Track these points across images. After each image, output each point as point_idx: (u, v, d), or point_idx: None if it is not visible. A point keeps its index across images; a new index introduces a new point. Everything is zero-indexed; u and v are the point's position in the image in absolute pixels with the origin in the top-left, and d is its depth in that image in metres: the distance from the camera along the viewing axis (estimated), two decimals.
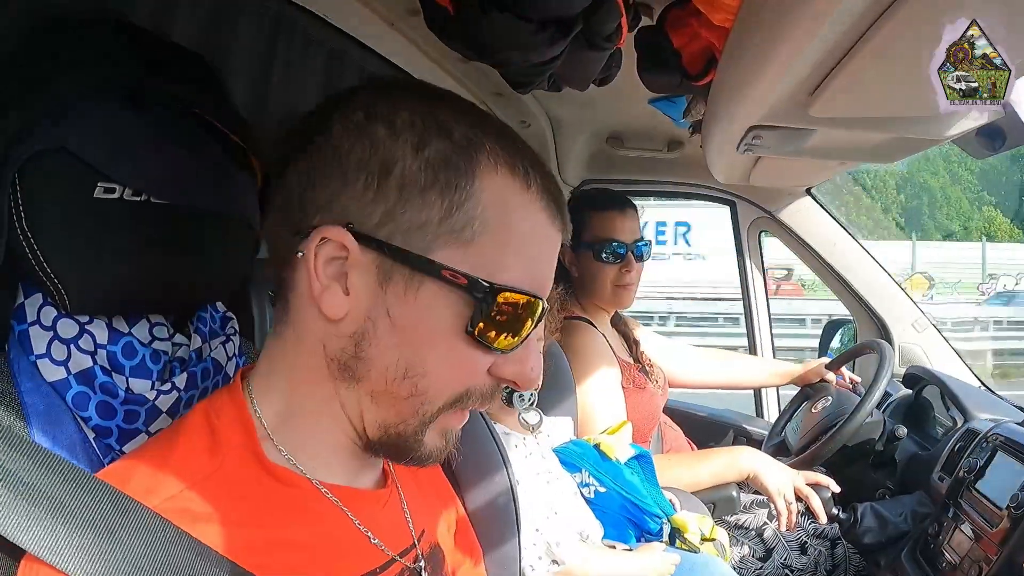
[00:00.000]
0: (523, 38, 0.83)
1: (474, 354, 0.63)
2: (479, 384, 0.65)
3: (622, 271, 1.87)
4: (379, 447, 0.66)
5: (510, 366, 0.65)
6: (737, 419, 2.55)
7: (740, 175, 1.93)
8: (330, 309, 0.61)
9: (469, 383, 0.64)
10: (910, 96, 0.99)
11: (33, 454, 0.52)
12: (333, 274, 0.61)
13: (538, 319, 0.65)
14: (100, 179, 0.65)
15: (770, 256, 2.72)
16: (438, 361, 0.63)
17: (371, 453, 0.67)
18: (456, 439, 0.69)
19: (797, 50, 0.86)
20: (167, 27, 0.90)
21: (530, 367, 0.66)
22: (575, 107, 2.14)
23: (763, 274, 2.68)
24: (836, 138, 1.31)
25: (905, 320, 2.34)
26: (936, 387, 1.97)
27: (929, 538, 1.54)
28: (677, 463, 1.76)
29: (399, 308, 0.61)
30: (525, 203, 0.63)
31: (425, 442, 0.65)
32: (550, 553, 1.17)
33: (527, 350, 0.66)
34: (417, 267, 0.60)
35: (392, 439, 0.65)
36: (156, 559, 0.54)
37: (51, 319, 0.66)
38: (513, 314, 0.62)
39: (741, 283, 2.70)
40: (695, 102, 1.51)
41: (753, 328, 2.67)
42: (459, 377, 0.64)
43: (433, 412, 0.64)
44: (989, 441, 1.54)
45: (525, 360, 0.65)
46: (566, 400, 1.62)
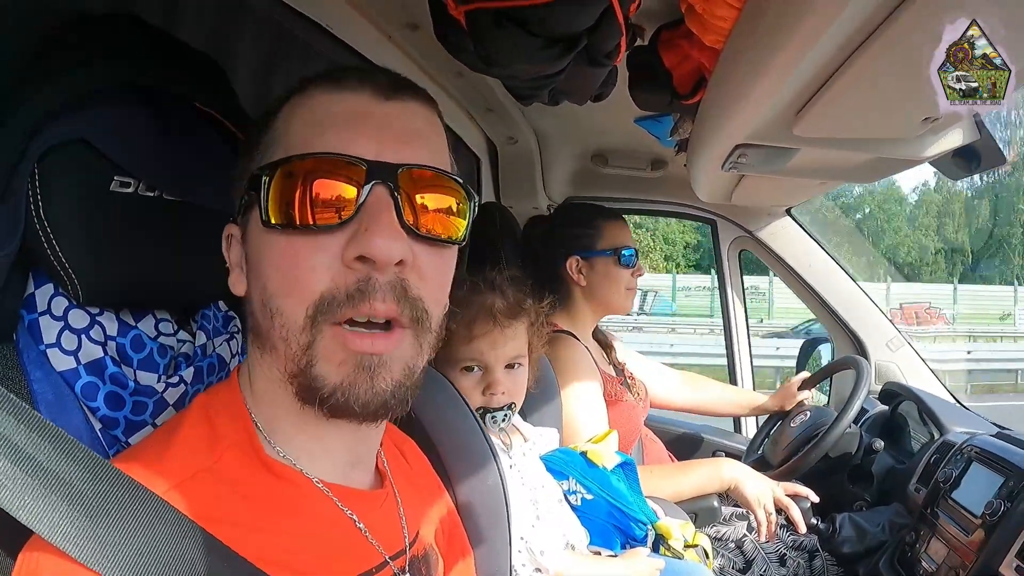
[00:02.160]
0: (532, 53, 0.87)
1: (293, 244, 0.61)
2: (330, 279, 0.60)
3: (633, 275, 1.95)
4: (307, 400, 0.62)
5: (354, 244, 0.60)
6: (716, 435, 2.58)
7: (723, 194, 1.98)
8: (235, 288, 0.67)
9: (314, 282, 0.60)
10: (890, 117, 1.04)
11: (53, 438, 0.52)
12: (235, 259, 0.68)
13: (365, 186, 0.60)
14: (117, 173, 0.66)
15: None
16: (271, 272, 0.62)
17: (326, 414, 0.63)
18: (374, 367, 0.61)
19: (785, 71, 0.90)
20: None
21: (370, 239, 0.59)
22: (562, 125, 2.19)
23: (743, 296, 2.72)
24: (818, 158, 1.35)
25: (881, 338, 2.40)
26: (912, 402, 2.02)
27: (906, 547, 1.57)
28: (659, 474, 1.78)
29: (247, 249, 0.66)
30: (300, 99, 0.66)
31: (322, 374, 0.61)
32: (534, 561, 1.17)
33: (369, 220, 0.60)
34: (244, 200, 0.65)
35: (301, 387, 0.62)
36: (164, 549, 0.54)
37: (62, 309, 0.67)
38: (305, 183, 0.60)
39: (721, 305, 2.73)
40: (683, 121, 1.55)
41: (733, 357, 2.70)
42: (296, 276, 0.60)
43: (298, 332, 0.60)
44: (964, 452, 1.59)
45: (367, 232, 0.59)
46: (551, 410, 1.64)
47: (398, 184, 0.61)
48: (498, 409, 1.22)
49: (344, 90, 0.64)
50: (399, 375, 0.63)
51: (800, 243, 2.48)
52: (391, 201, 0.61)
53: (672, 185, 2.49)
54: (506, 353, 1.24)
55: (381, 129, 0.63)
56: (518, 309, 1.25)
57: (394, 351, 0.63)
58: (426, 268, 0.64)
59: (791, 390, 2.20)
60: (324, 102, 0.64)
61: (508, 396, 1.24)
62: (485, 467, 1.01)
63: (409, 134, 0.64)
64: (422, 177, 0.64)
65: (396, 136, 0.63)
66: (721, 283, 2.69)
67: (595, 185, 2.57)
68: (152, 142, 0.69)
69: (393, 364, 0.63)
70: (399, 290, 0.61)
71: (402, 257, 0.61)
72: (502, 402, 1.23)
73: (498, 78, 1.12)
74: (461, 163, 2.14)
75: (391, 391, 0.62)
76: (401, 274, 0.62)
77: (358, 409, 0.61)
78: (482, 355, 1.22)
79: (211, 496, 0.59)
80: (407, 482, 0.80)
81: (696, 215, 2.69)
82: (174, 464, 0.60)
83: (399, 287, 0.61)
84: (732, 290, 2.68)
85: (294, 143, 0.63)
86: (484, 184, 2.31)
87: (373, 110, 0.64)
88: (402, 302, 0.62)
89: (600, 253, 1.92)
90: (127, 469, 0.57)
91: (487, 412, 1.22)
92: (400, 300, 0.62)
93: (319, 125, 0.63)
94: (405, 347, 0.64)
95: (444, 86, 1.74)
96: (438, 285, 0.67)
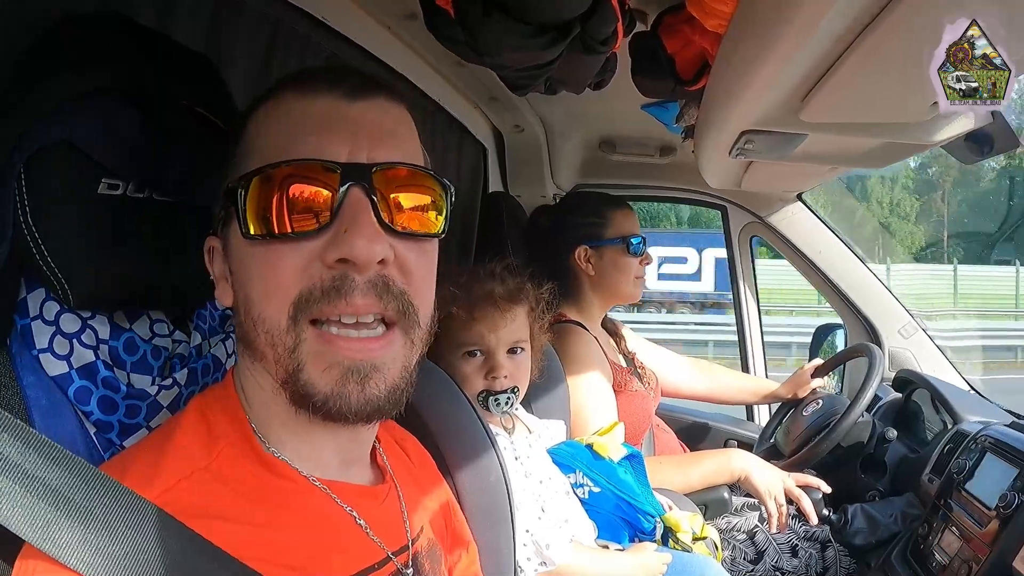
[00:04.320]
0: (523, 41, 0.85)
1: (273, 252, 0.61)
2: (307, 279, 0.60)
3: (642, 263, 1.94)
4: (301, 406, 0.62)
5: (333, 247, 0.60)
6: (728, 423, 2.57)
7: (732, 180, 1.95)
8: (221, 301, 0.68)
9: (292, 285, 0.60)
10: (899, 101, 1.01)
11: (39, 446, 0.52)
12: (219, 272, 0.68)
13: (341, 189, 0.60)
14: (104, 175, 0.66)
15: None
16: (253, 282, 0.63)
17: (323, 419, 0.63)
18: (364, 373, 0.61)
19: (789, 55, 0.87)
20: (168, 29, 0.91)
21: (350, 241, 0.59)
22: (568, 113, 2.17)
23: (755, 282, 2.69)
24: (826, 143, 1.33)
25: (895, 325, 2.36)
26: (925, 390, 1.99)
27: (919, 539, 1.55)
28: (669, 465, 1.78)
29: (229, 261, 0.66)
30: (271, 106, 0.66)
31: (311, 381, 0.61)
32: (540, 554, 1.17)
33: (347, 222, 0.60)
34: (222, 218, 0.66)
35: (294, 394, 0.62)
36: (155, 552, 0.54)
37: (53, 314, 0.66)
38: (281, 191, 0.60)
39: (732, 292, 2.70)
40: (688, 107, 1.52)
41: (745, 341, 2.67)
42: (276, 282, 0.61)
43: (282, 334, 0.61)
44: (978, 443, 1.56)
45: (345, 235, 0.60)
46: (559, 402, 1.63)
47: (373, 184, 0.61)
48: (501, 392, 1.23)
49: (314, 94, 0.64)
50: (394, 378, 0.63)
51: (812, 228, 2.44)
52: (367, 202, 0.61)
53: (682, 171, 2.46)
54: (506, 337, 1.25)
55: (352, 130, 0.63)
56: (517, 293, 1.27)
57: (387, 354, 0.63)
58: (408, 263, 0.64)
59: (804, 377, 2.17)
60: (294, 108, 0.64)
61: (511, 380, 1.25)
62: (486, 460, 1.01)
63: (380, 133, 0.64)
64: (396, 175, 0.64)
65: (368, 136, 0.63)
66: (732, 269, 2.67)
67: (604, 172, 2.55)
68: (140, 143, 0.68)
69: (387, 368, 0.63)
70: (380, 286, 0.61)
71: (383, 256, 0.61)
72: (505, 386, 1.24)
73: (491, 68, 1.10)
74: (467, 153, 2.12)
75: (385, 396, 0.63)
76: (382, 271, 0.62)
77: (351, 416, 0.62)
78: (483, 339, 1.23)
79: (209, 495, 0.59)
80: (409, 477, 0.80)
81: (706, 201, 2.67)
82: (172, 465, 0.60)
83: (380, 283, 0.61)
84: (743, 276, 2.65)
85: (267, 152, 0.62)
86: (491, 174, 2.29)
87: (343, 112, 0.63)
88: (385, 297, 0.62)
89: (609, 242, 1.90)
90: (124, 472, 0.58)
91: (490, 395, 1.22)
92: (383, 295, 0.62)
93: (290, 132, 0.62)
94: (397, 348, 0.64)
95: (447, 76, 1.72)
96: (421, 278, 0.66)
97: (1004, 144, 1.08)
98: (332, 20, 1.22)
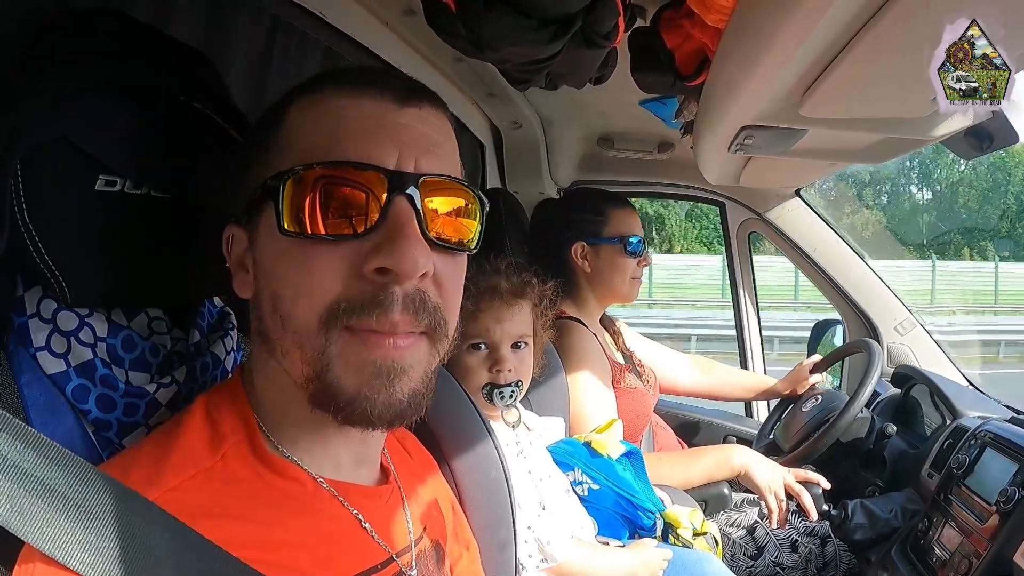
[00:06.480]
0: (525, 35, 0.84)
1: (309, 251, 0.60)
2: (344, 287, 0.59)
3: (639, 264, 1.93)
4: (322, 406, 0.62)
5: (376, 255, 0.59)
6: (727, 419, 2.57)
7: (730, 176, 1.95)
8: (241, 291, 0.67)
9: (327, 289, 0.59)
10: (899, 97, 1.01)
11: (38, 445, 0.52)
12: (239, 261, 0.67)
13: (388, 197, 0.59)
14: (101, 171, 0.65)
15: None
16: (284, 279, 0.61)
17: (339, 421, 0.62)
18: (394, 375, 0.61)
19: (789, 51, 0.87)
20: (165, 24, 0.90)
21: (398, 252, 0.58)
22: (566, 109, 2.16)
23: (753, 278, 2.69)
24: (826, 138, 1.33)
25: (893, 320, 2.36)
26: (925, 386, 2.00)
27: (919, 534, 1.55)
28: (668, 461, 1.78)
29: (256, 253, 0.64)
30: (313, 101, 0.64)
31: (338, 380, 0.60)
32: (541, 551, 1.17)
33: (393, 231, 0.59)
34: (254, 204, 0.63)
35: (316, 392, 0.61)
36: (156, 553, 0.53)
37: (51, 312, 0.66)
38: (325, 191, 0.59)
39: (731, 289, 2.70)
40: (687, 102, 1.52)
41: (744, 338, 2.67)
42: (310, 284, 0.60)
43: (312, 336, 0.60)
44: (978, 438, 1.56)
45: (391, 244, 0.58)
46: (558, 400, 1.63)
47: (420, 194, 0.60)
48: (505, 385, 1.23)
49: (361, 96, 0.63)
50: (417, 382, 0.63)
51: (810, 224, 2.45)
52: (413, 212, 0.60)
53: (680, 167, 2.47)
54: (511, 330, 1.25)
55: (400, 138, 0.62)
56: (522, 288, 1.28)
57: (413, 357, 0.62)
58: (443, 277, 0.64)
59: (803, 373, 2.18)
60: (341, 107, 0.63)
61: (515, 374, 1.25)
62: (487, 458, 1.01)
63: (427, 143, 0.63)
64: (439, 187, 0.63)
65: (415, 145, 0.62)
66: (730, 266, 2.67)
67: (602, 168, 2.55)
68: (138, 139, 0.67)
69: (412, 370, 0.62)
70: (418, 301, 0.61)
71: (426, 269, 0.60)
72: (509, 379, 1.24)
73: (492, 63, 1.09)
74: (464, 149, 2.12)
75: (408, 399, 0.62)
76: (420, 285, 0.61)
77: (374, 419, 0.61)
78: (488, 331, 1.24)
79: (213, 495, 0.59)
80: (411, 477, 0.80)
81: (704, 197, 2.67)
82: (176, 465, 0.59)
83: (418, 298, 0.61)
84: (741, 272, 2.66)
85: (312, 150, 0.61)
86: (489, 170, 2.29)
87: (391, 118, 0.63)
88: (421, 313, 0.61)
89: (606, 240, 1.90)
90: (127, 471, 0.57)
91: (495, 388, 1.22)
92: (419, 312, 0.61)
93: (338, 132, 0.61)
94: (423, 352, 0.64)
95: (444, 72, 1.71)
96: (453, 292, 0.66)
97: (1004, 140, 1.08)
98: (330, 16, 1.22)
